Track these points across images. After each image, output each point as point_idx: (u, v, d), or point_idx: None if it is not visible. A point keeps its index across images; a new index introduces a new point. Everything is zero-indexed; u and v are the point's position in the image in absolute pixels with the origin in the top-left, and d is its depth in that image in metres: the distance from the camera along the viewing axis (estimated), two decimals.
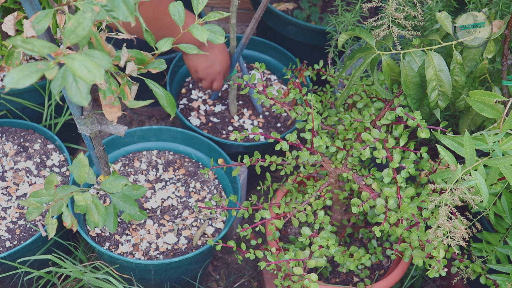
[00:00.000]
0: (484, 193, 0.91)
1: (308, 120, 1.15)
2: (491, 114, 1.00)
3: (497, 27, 1.08)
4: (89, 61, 0.50)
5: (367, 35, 1.10)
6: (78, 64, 0.50)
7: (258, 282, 1.61)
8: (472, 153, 0.91)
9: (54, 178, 0.94)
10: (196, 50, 0.78)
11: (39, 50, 0.52)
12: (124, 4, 0.50)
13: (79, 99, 0.52)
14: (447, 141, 0.97)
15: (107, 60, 0.52)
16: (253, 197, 1.26)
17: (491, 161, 0.92)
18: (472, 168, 0.92)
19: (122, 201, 1.04)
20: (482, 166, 0.93)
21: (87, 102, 0.53)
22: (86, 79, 0.49)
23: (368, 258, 1.26)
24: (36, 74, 0.51)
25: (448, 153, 0.94)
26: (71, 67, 0.50)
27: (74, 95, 0.53)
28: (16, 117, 1.55)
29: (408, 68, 1.09)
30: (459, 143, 0.96)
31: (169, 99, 0.89)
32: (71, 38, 0.54)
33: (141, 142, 1.53)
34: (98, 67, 0.50)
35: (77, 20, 0.54)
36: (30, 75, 0.51)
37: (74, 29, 0.54)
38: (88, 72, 0.50)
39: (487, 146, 0.93)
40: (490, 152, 0.94)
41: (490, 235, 1.20)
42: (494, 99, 1.00)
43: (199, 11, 0.79)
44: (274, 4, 1.92)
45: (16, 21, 0.86)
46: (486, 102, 1.00)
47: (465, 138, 0.91)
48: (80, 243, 1.51)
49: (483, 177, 0.92)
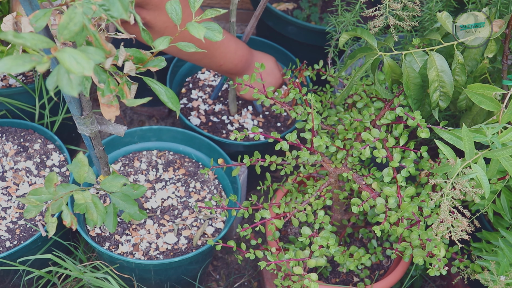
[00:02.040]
0: (485, 185, 0.91)
1: (308, 120, 1.15)
2: (490, 107, 1.00)
3: (498, 26, 1.08)
4: (79, 54, 0.50)
5: (368, 35, 1.10)
6: (68, 56, 0.50)
7: (258, 282, 1.60)
8: (471, 146, 0.91)
9: (54, 176, 0.94)
10: (194, 48, 0.78)
11: (32, 44, 0.52)
12: (119, 2, 0.50)
13: (69, 90, 0.52)
14: (446, 135, 0.96)
15: (100, 55, 0.52)
16: (253, 197, 1.26)
17: (491, 153, 0.92)
18: (472, 161, 0.91)
19: (121, 201, 1.04)
20: (482, 159, 0.92)
21: (77, 92, 0.52)
22: (75, 71, 0.49)
23: (368, 258, 1.26)
24: (29, 64, 0.51)
25: (447, 148, 0.94)
26: (61, 59, 0.50)
27: (65, 86, 0.53)
28: (16, 117, 1.55)
29: (409, 69, 1.09)
30: (458, 137, 0.95)
31: (170, 94, 0.87)
32: (64, 34, 0.54)
33: (141, 142, 1.52)
34: (88, 59, 0.50)
35: (69, 15, 0.54)
36: (23, 64, 0.51)
37: (66, 25, 0.54)
38: (77, 64, 0.50)
39: (486, 138, 0.93)
40: (489, 144, 0.94)
41: (490, 234, 1.20)
42: (493, 91, 1.00)
43: (196, 8, 0.79)
44: (274, 4, 1.92)
45: (15, 21, 0.86)
46: (485, 94, 1.00)
47: (463, 131, 0.91)
48: (80, 243, 1.51)
49: (483, 170, 0.91)
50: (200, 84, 1.73)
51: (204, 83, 1.73)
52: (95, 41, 0.67)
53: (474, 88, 1.02)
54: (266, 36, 1.82)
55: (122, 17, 0.54)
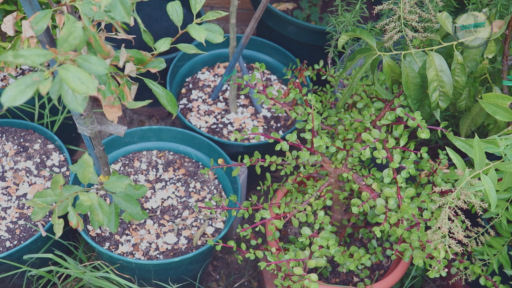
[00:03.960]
0: (492, 198, 0.88)
1: (308, 120, 1.15)
2: (505, 117, 0.97)
3: (498, 27, 1.08)
4: (83, 73, 0.50)
5: (368, 36, 1.10)
6: (72, 76, 0.50)
7: (258, 282, 1.60)
8: (481, 156, 0.88)
9: (60, 178, 0.94)
10: (194, 49, 0.78)
11: (32, 62, 0.52)
12: (121, 5, 0.50)
13: (75, 106, 0.52)
14: (459, 143, 0.94)
15: (103, 66, 0.52)
16: (253, 197, 1.26)
17: (503, 165, 0.90)
18: (482, 172, 0.89)
19: (124, 201, 1.04)
20: (494, 170, 0.90)
21: (82, 108, 0.53)
22: (79, 91, 0.49)
23: (368, 258, 1.26)
24: (31, 88, 0.50)
25: (458, 157, 0.91)
26: (65, 78, 0.50)
27: (70, 102, 0.53)
28: (16, 117, 1.55)
29: (409, 69, 1.09)
30: (471, 146, 0.92)
31: (170, 98, 0.88)
32: (65, 47, 0.54)
33: (141, 142, 1.52)
34: (91, 79, 0.50)
35: (69, 29, 0.54)
36: (25, 90, 0.51)
37: (66, 38, 0.54)
38: (81, 84, 0.50)
39: (499, 149, 0.90)
40: (502, 156, 0.91)
41: (493, 239, 1.19)
42: (508, 101, 0.98)
43: (197, 10, 0.79)
44: (274, 4, 1.92)
45: (15, 22, 0.86)
46: (500, 104, 0.98)
47: (474, 141, 0.88)
48: (80, 243, 1.51)
49: (494, 181, 0.88)
50: (200, 85, 1.73)
51: (204, 84, 1.73)
52: (95, 43, 0.67)
53: (488, 98, 1.00)
54: (266, 36, 1.82)
55: (124, 20, 0.54)
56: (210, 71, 1.77)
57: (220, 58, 1.78)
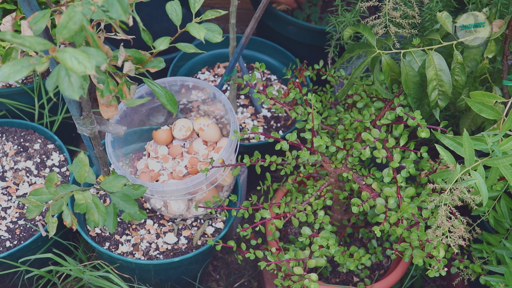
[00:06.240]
0: (483, 193, 0.91)
1: (308, 120, 1.15)
2: (491, 115, 1.00)
3: (498, 26, 1.08)
4: (80, 53, 0.50)
5: (369, 33, 1.10)
6: (69, 56, 0.50)
7: (258, 282, 1.60)
8: (471, 153, 0.91)
9: (55, 176, 0.94)
10: (194, 49, 0.78)
11: (31, 45, 0.51)
12: (119, 3, 0.50)
13: (71, 93, 0.52)
14: (447, 141, 0.97)
15: (101, 56, 0.52)
16: (253, 197, 1.26)
17: (491, 161, 0.92)
18: (471, 168, 0.92)
19: (122, 201, 1.04)
20: (482, 166, 0.92)
21: (78, 95, 0.52)
22: (77, 71, 0.49)
23: (368, 258, 1.26)
24: (27, 68, 0.50)
25: (448, 153, 0.94)
26: (62, 59, 0.50)
27: (66, 89, 0.52)
28: (16, 117, 1.55)
29: (408, 68, 1.09)
30: (459, 143, 0.96)
31: (169, 97, 0.88)
32: (64, 33, 0.53)
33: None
34: (89, 59, 0.50)
35: (69, 14, 0.54)
36: (21, 70, 0.50)
37: (66, 24, 0.54)
38: (78, 64, 0.49)
39: (487, 146, 0.93)
40: (489, 152, 0.94)
41: (490, 236, 1.20)
42: (493, 100, 1.00)
43: (197, 9, 0.79)
44: (274, 4, 1.92)
45: (14, 22, 0.86)
46: (486, 103, 1.00)
47: (463, 138, 0.91)
48: (80, 243, 1.51)
49: (482, 177, 0.91)
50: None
51: None
52: (93, 43, 0.67)
53: (474, 96, 1.02)
54: (266, 36, 1.82)
55: (121, 19, 0.54)
56: (210, 71, 1.77)
57: (220, 58, 1.78)
